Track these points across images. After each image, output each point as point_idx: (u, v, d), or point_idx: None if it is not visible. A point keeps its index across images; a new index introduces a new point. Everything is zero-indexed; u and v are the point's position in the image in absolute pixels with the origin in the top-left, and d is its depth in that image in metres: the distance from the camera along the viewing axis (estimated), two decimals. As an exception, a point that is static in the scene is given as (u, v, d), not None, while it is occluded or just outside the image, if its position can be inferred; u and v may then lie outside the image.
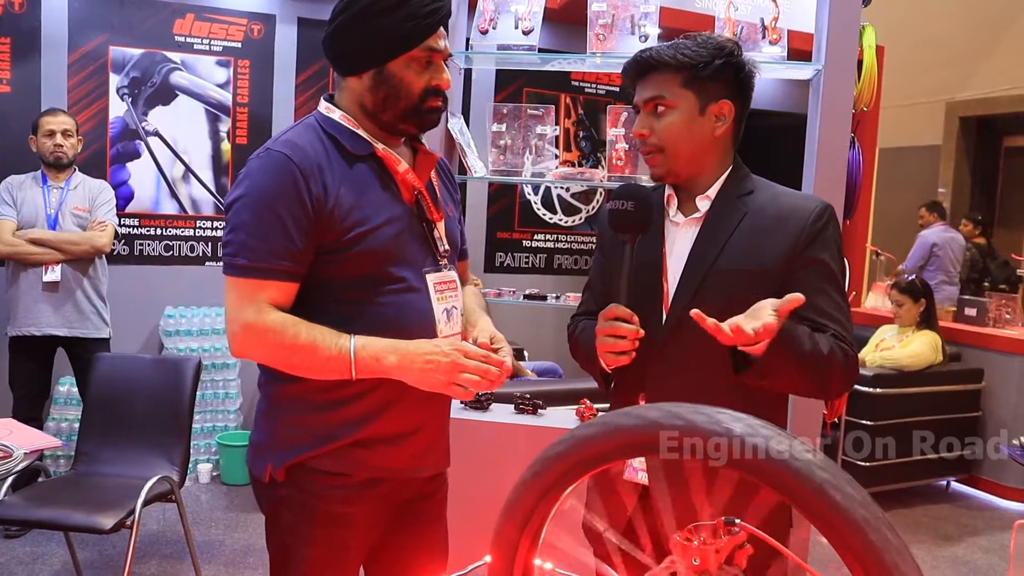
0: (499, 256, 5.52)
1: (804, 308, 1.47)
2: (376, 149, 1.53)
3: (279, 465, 1.52)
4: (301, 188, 1.43)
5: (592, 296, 1.77)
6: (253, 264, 1.44)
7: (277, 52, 4.78)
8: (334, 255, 1.47)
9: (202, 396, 4.35)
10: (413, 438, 1.56)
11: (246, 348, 1.48)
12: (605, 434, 0.77)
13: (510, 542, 0.85)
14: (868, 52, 2.65)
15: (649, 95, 1.55)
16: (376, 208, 1.50)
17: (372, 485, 1.54)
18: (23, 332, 3.68)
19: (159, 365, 3.35)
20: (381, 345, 1.44)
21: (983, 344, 5.07)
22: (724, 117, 1.57)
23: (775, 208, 1.55)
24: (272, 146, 1.48)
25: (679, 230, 1.60)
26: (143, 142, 4.58)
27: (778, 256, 1.51)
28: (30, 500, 2.87)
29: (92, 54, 4.42)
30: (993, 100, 7.61)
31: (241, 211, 1.45)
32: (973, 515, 4.65)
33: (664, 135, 1.55)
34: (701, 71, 1.53)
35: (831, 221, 1.54)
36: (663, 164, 1.56)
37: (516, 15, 2.75)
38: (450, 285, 1.60)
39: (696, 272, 1.54)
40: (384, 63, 1.49)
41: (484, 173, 2.86)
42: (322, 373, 1.46)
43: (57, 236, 3.67)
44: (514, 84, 5.34)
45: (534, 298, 2.91)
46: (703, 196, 1.59)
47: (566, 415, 2.68)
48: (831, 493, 0.66)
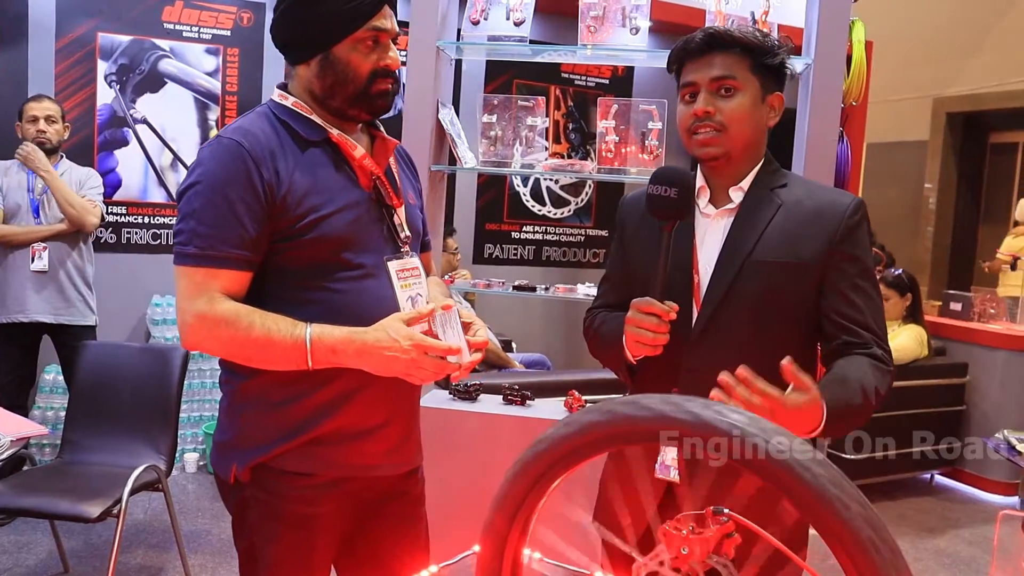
0: (488, 247, 5.52)
1: (842, 305, 1.49)
2: (331, 134, 1.50)
3: (243, 465, 1.49)
4: (252, 174, 1.40)
5: (611, 288, 1.74)
6: (203, 252, 1.40)
7: (266, 40, 4.75)
8: (289, 242, 1.44)
9: (189, 385, 4.33)
10: (379, 433, 1.53)
11: (199, 339, 1.44)
12: (608, 422, 0.77)
13: (500, 532, 0.85)
14: (858, 47, 2.66)
15: (718, 73, 1.52)
16: (332, 194, 1.47)
17: (338, 484, 1.51)
18: (10, 319, 3.66)
19: (146, 353, 3.34)
20: (338, 334, 1.40)
21: (967, 338, 5.11)
22: (775, 109, 1.57)
23: (812, 201, 1.53)
24: (224, 133, 1.45)
25: (710, 222, 1.58)
26: (131, 129, 4.55)
27: (816, 249, 1.50)
28: (15, 488, 2.85)
29: (80, 40, 4.39)
30: (980, 96, 7.65)
31: (192, 199, 1.42)
32: (956, 508, 4.69)
33: (730, 115, 1.51)
34: (769, 59, 1.53)
35: (864, 217, 1.53)
36: (723, 144, 1.53)
37: (508, 6, 2.74)
38: (413, 272, 1.56)
39: (732, 263, 1.52)
40: (329, 47, 1.47)
41: (474, 164, 2.86)
42: (278, 364, 1.42)
43: (61, 191, 3.64)
44: (504, 75, 5.33)
45: (523, 289, 2.91)
46: (736, 188, 1.57)
47: (554, 406, 2.70)
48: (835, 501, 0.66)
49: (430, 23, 2.70)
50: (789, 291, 1.49)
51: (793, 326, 1.53)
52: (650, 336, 1.45)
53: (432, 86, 2.71)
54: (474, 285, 3.01)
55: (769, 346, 1.46)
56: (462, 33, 2.83)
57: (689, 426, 0.72)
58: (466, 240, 5.36)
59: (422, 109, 2.71)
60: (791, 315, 1.52)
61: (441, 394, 2.74)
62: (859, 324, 1.49)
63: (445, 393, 2.74)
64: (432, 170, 2.74)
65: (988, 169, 8.40)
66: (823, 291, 1.51)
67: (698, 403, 0.73)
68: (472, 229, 5.45)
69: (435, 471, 1.75)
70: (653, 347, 1.47)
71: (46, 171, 3.63)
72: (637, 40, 2.68)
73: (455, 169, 2.89)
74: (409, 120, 2.72)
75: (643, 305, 1.46)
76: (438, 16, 2.72)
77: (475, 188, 5.41)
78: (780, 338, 1.50)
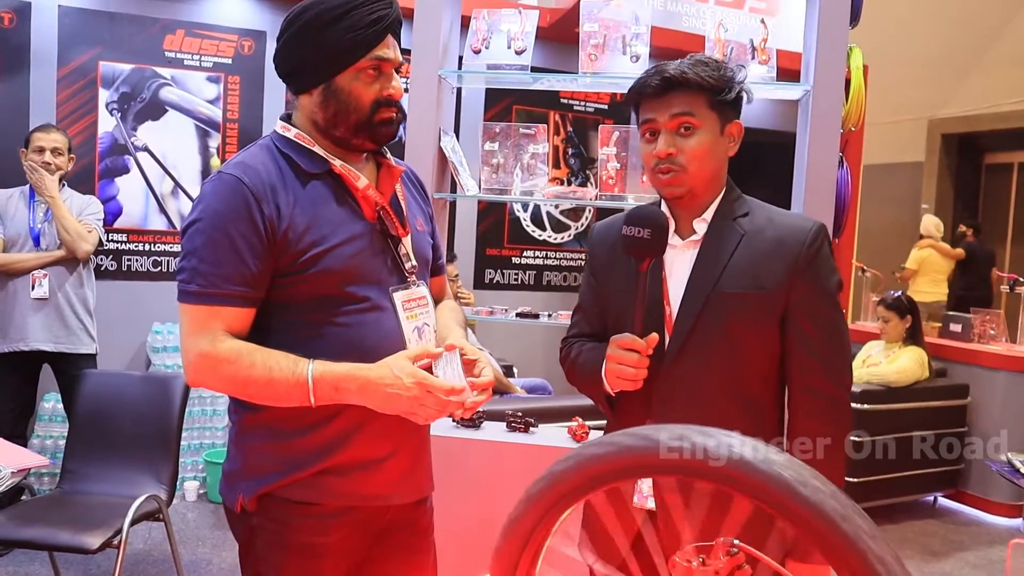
0: (488, 273, 5.52)
1: (798, 335, 1.53)
2: (333, 166, 1.50)
3: (250, 495, 1.49)
4: (253, 210, 1.40)
5: (584, 318, 1.76)
6: (205, 290, 1.41)
7: (267, 68, 4.79)
8: (291, 277, 1.44)
9: (189, 413, 4.31)
10: (386, 464, 1.52)
11: (202, 377, 1.45)
12: (614, 454, 0.77)
13: (510, 560, 0.85)
14: (856, 73, 2.67)
15: (678, 111, 1.54)
16: (334, 227, 1.46)
17: (345, 513, 1.50)
18: (11, 348, 3.65)
19: (147, 382, 3.32)
20: (341, 371, 1.40)
21: (968, 360, 5.11)
22: (735, 138, 1.60)
23: (773, 230, 1.56)
24: (225, 169, 1.46)
25: (678, 253, 1.60)
26: (132, 157, 4.57)
27: (777, 279, 1.53)
28: (14, 519, 2.83)
29: (82, 69, 4.41)
30: (974, 118, 7.71)
31: (194, 236, 1.42)
32: (960, 531, 4.67)
33: (691, 155, 1.54)
34: (725, 94, 1.55)
35: (825, 241, 1.56)
36: (684, 183, 1.56)
37: (509, 35, 2.76)
38: (420, 302, 1.56)
39: (698, 295, 1.55)
40: (331, 77, 1.47)
41: (476, 191, 2.87)
42: (281, 401, 1.42)
43: (62, 215, 3.64)
44: (503, 101, 5.37)
45: (526, 316, 2.91)
46: (700, 219, 1.60)
47: (558, 432, 2.69)
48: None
49: (432, 52, 2.73)
50: (755, 320, 1.53)
51: (761, 354, 1.56)
52: (631, 372, 1.49)
53: (434, 114, 2.73)
54: (476, 312, 3.01)
55: (739, 374, 1.53)
56: (464, 61, 2.86)
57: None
58: (467, 265, 5.37)
59: (424, 137, 2.73)
60: (758, 343, 1.55)
61: (444, 421, 2.73)
62: (814, 355, 1.53)
63: (448, 421, 2.73)
64: (435, 198, 2.75)
65: (984, 189, 8.44)
66: (784, 319, 1.55)
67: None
68: (473, 254, 5.46)
69: (439, 499, 1.74)
70: (634, 382, 1.51)
71: (51, 196, 3.64)
72: (637, 68, 2.70)
73: (457, 197, 2.90)
74: (411, 148, 2.73)
75: (624, 341, 1.50)
76: (440, 45, 2.74)
77: (475, 214, 5.42)
78: (750, 366, 1.55)
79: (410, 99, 2.72)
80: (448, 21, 2.78)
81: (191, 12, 4.65)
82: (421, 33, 2.73)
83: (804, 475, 0.68)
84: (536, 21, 2.79)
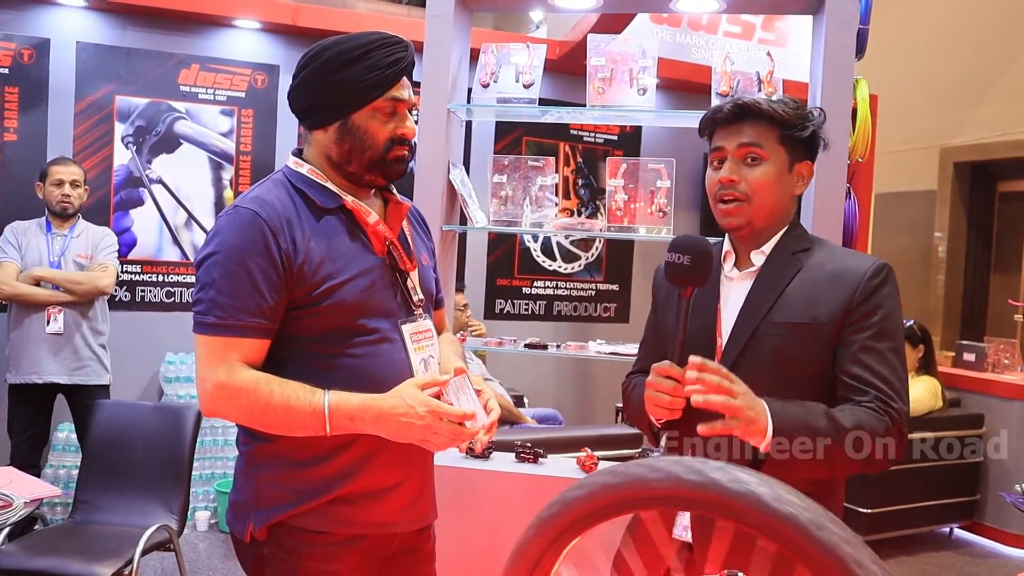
0: (499, 303, 5.54)
1: (852, 365, 1.49)
2: (345, 202, 1.54)
3: (260, 525, 1.51)
4: (270, 244, 1.44)
5: (646, 354, 1.77)
6: (223, 322, 1.44)
7: (280, 101, 4.85)
8: (305, 309, 1.47)
9: (201, 443, 4.33)
10: (395, 492, 1.55)
11: (218, 407, 1.47)
12: (625, 484, 0.77)
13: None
14: (862, 105, 2.70)
15: (746, 141, 1.55)
16: (347, 261, 1.50)
17: (355, 541, 1.53)
18: (25, 380, 3.68)
19: (159, 412, 3.35)
20: (356, 402, 1.43)
21: (982, 389, 5.06)
22: (804, 178, 1.60)
23: (832, 264, 1.55)
24: (240, 203, 1.49)
25: (733, 284, 1.61)
26: (147, 189, 4.62)
27: (832, 311, 1.51)
28: (27, 549, 2.84)
29: (98, 104, 4.49)
30: (986, 146, 7.70)
31: (211, 268, 1.45)
32: (977, 563, 4.60)
33: (755, 185, 1.54)
34: (797, 131, 1.56)
35: (888, 279, 1.54)
36: (744, 214, 1.56)
37: (517, 68, 2.80)
38: (426, 335, 1.60)
39: (748, 323, 1.54)
40: (348, 115, 1.51)
41: (485, 223, 2.89)
42: (296, 430, 1.45)
43: (61, 274, 3.69)
44: (514, 133, 5.41)
45: (535, 347, 2.92)
46: (758, 252, 1.59)
47: (567, 464, 2.68)
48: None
49: (441, 86, 2.76)
50: (803, 350, 1.50)
51: (810, 383, 1.53)
52: (667, 400, 1.44)
53: (443, 148, 2.76)
54: (486, 343, 3.02)
55: None
56: (472, 95, 2.89)
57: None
58: (477, 296, 5.38)
59: (433, 170, 2.76)
60: (806, 373, 1.53)
61: (453, 452, 2.73)
62: (865, 383, 1.49)
63: (456, 452, 2.73)
64: (444, 230, 2.78)
65: (997, 217, 8.41)
66: (837, 351, 1.52)
67: (711, 465, 0.73)
68: (483, 285, 5.47)
69: (447, 529, 1.74)
70: (671, 410, 1.46)
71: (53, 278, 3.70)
72: (644, 100, 2.73)
73: (467, 229, 2.92)
74: (421, 181, 2.76)
75: (662, 368, 1.47)
76: (449, 79, 2.78)
77: (486, 244, 5.45)
78: (797, 396, 1.50)
79: (420, 133, 2.75)
80: (457, 55, 2.83)
81: (205, 47, 4.73)
82: (431, 67, 2.77)
83: (778, 491, 0.69)
84: (544, 55, 2.83)
